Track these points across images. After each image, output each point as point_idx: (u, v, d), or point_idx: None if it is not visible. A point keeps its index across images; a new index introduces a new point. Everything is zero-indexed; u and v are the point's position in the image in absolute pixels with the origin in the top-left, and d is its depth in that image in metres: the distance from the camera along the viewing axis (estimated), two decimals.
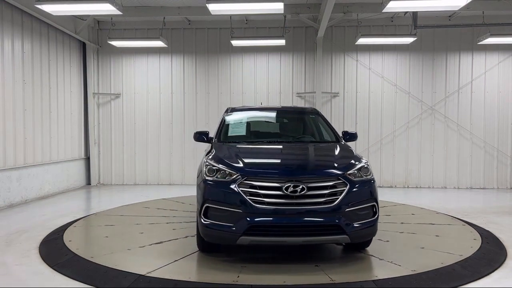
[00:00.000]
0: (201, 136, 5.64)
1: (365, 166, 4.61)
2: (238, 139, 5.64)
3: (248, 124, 6.18)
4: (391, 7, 7.11)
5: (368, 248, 5.01)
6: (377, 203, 4.50)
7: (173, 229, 5.95)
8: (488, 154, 10.57)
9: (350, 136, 5.77)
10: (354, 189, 4.30)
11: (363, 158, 4.82)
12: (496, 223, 6.60)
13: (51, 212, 7.44)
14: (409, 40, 9.75)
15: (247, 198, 4.17)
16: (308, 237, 4.26)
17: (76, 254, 4.83)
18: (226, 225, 4.22)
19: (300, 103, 10.78)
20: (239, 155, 4.71)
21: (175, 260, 4.60)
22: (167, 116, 11.04)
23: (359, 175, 4.46)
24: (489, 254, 4.91)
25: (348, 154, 4.94)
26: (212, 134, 5.84)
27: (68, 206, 8.12)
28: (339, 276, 4.16)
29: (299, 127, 6.34)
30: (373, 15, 9.82)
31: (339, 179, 4.30)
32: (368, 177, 4.53)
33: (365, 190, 4.41)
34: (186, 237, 5.54)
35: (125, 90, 11.10)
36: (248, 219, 4.13)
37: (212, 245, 4.77)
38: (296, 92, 10.82)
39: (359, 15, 9.88)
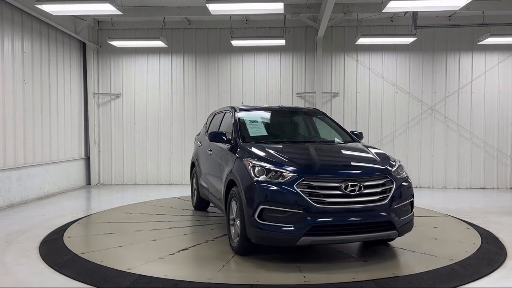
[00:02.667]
0: (219, 136, 5.47)
1: (401, 164, 4.88)
2: (263, 139, 5.52)
3: (265, 124, 6.10)
4: (391, 7, 7.11)
5: (390, 242, 5.20)
6: (413, 198, 4.76)
7: (184, 234, 5.77)
8: (488, 154, 10.57)
9: (356, 137, 5.91)
10: (399, 187, 4.52)
11: (395, 157, 5.08)
12: (496, 223, 6.60)
13: (51, 212, 7.44)
14: (409, 40, 9.75)
15: (307, 198, 4.17)
16: (365, 234, 4.37)
17: (76, 254, 4.81)
18: (285, 227, 4.17)
19: (300, 103, 10.78)
20: (284, 155, 4.68)
21: (223, 266, 4.44)
22: (167, 116, 11.04)
23: (399, 173, 4.69)
24: (489, 254, 4.91)
25: (382, 154, 5.06)
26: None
27: (68, 206, 8.12)
28: (402, 269, 4.36)
29: (314, 127, 6.36)
30: (373, 15, 9.83)
31: (387, 177, 4.50)
32: (405, 175, 4.78)
33: (406, 187, 4.63)
34: (207, 241, 5.38)
35: (125, 90, 11.10)
36: (310, 219, 4.13)
37: (256, 248, 4.68)
38: (296, 92, 10.82)
39: (359, 15, 9.88)
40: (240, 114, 5.92)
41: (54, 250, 5.06)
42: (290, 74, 10.85)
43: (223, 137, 5.47)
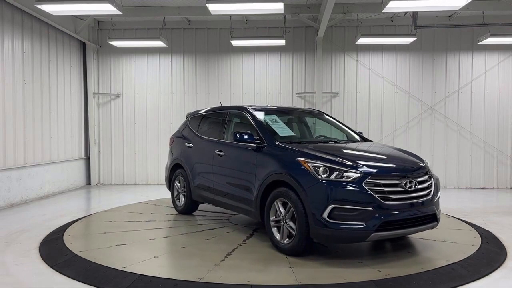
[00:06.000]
0: (249, 137, 5.30)
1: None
2: (293, 139, 5.63)
3: (288, 125, 6.08)
4: (391, 7, 7.11)
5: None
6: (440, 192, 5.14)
7: (207, 239, 5.47)
8: (488, 154, 10.57)
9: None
10: (435, 181, 4.90)
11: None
12: (496, 223, 6.60)
13: (51, 212, 7.44)
14: (409, 40, 9.75)
15: (376, 196, 4.32)
16: (419, 226, 4.67)
17: (76, 254, 4.79)
18: (356, 224, 4.28)
19: (300, 103, 10.78)
20: (338, 155, 4.78)
21: (290, 267, 4.37)
22: (167, 116, 11.04)
23: (430, 169, 5.04)
24: (489, 254, 4.91)
25: (413, 153, 5.36)
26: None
27: (68, 206, 8.12)
28: (454, 257, 4.69)
29: (328, 127, 6.48)
30: (373, 15, 9.83)
31: (427, 174, 4.85)
32: (431, 171, 5.07)
33: (437, 182, 4.97)
34: (240, 245, 5.22)
35: (125, 90, 11.11)
36: (380, 216, 4.29)
37: (312, 247, 4.74)
38: (296, 92, 10.82)
39: (359, 15, 9.88)
40: (258, 114, 5.81)
41: (54, 250, 5.05)
42: (290, 74, 10.85)
43: (251, 138, 5.32)
